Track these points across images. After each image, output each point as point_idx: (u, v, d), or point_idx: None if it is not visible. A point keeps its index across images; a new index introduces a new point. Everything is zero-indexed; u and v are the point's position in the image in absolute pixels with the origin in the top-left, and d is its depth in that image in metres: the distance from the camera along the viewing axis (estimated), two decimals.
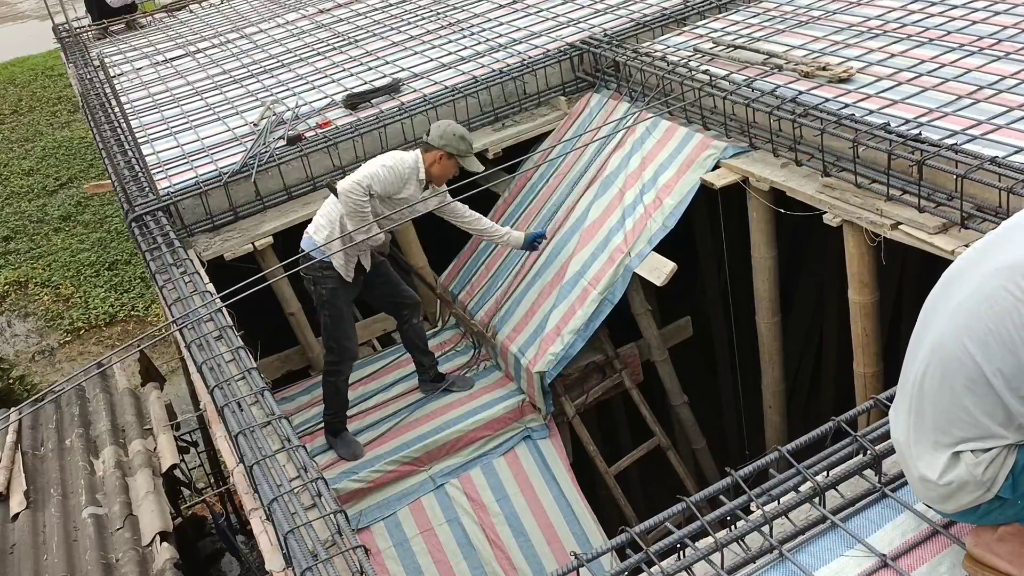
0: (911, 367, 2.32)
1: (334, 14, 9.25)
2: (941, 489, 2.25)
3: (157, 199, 5.72)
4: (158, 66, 8.67)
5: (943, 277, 2.32)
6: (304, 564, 2.98)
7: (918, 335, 2.33)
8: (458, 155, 5.16)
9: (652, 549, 2.51)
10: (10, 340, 11.00)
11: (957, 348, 2.15)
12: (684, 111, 5.73)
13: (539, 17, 7.78)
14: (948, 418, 2.19)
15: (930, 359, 2.23)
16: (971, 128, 4.57)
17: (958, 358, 2.14)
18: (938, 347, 2.21)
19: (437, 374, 5.79)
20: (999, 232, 2.24)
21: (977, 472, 2.17)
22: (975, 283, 2.17)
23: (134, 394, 5.96)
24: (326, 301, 5.16)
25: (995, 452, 2.15)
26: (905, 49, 5.62)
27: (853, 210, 4.59)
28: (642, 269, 5.34)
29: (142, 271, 11.34)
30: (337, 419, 5.40)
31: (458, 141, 5.15)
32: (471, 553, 5.13)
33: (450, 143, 5.13)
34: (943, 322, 2.22)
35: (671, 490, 4.76)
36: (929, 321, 2.29)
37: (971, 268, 2.23)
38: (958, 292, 2.21)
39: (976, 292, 2.15)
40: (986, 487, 2.18)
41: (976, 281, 2.17)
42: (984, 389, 2.11)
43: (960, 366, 2.14)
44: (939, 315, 2.25)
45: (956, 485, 2.21)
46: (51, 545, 4.66)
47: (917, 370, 2.28)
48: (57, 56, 14.65)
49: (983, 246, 2.25)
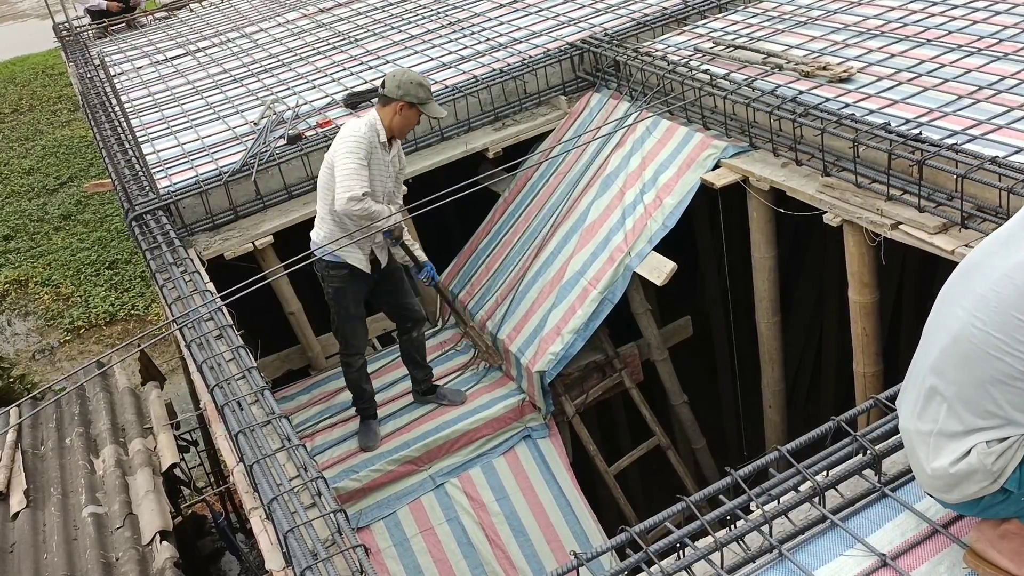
0: (926, 356, 2.29)
1: (334, 13, 9.24)
2: (948, 477, 2.23)
3: (157, 198, 5.72)
4: (158, 65, 8.66)
5: (961, 267, 2.28)
6: (304, 563, 2.98)
7: (934, 324, 2.30)
8: (419, 103, 4.96)
9: (652, 549, 2.51)
10: (10, 339, 11.01)
11: (984, 341, 2.12)
12: (684, 110, 5.73)
13: (539, 16, 7.78)
14: (969, 407, 2.17)
15: (951, 349, 2.20)
16: (971, 128, 4.57)
17: (985, 351, 2.11)
18: (961, 338, 2.17)
19: (429, 387, 5.72)
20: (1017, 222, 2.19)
21: (988, 461, 2.15)
22: (1000, 274, 2.12)
23: (134, 393, 5.96)
24: (332, 298, 5.21)
25: (1008, 443, 2.14)
26: (905, 49, 5.62)
27: (853, 210, 4.60)
28: (642, 269, 5.34)
29: (142, 270, 11.34)
30: (361, 407, 5.50)
31: (416, 88, 4.94)
32: (471, 552, 5.14)
33: (409, 92, 4.91)
34: (966, 313, 2.17)
35: (671, 490, 4.76)
36: (948, 310, 2.25)
37: (993, 259, 2.18)
38: (980, 283, 2.17)
39: (1005, 285, 2.11)
40: (993, 477, 2.17)
41: (1001, 272, 2.12)
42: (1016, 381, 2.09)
43: (989, 358, 2.11)
44: (960, 305, 2.21)
45: (964, 473, 2.20)
46: (51, 544, 4.66)
47: (934, 359, 2.25)
48: (57, 55, 14.67)
49: (1006, 236, 2.20)
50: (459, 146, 6.36)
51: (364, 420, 5.51)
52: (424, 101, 4.99)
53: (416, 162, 6.13)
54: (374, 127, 4.94)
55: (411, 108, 4.96)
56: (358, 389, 5.45)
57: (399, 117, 4.97)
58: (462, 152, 6.33)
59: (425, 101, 4.99)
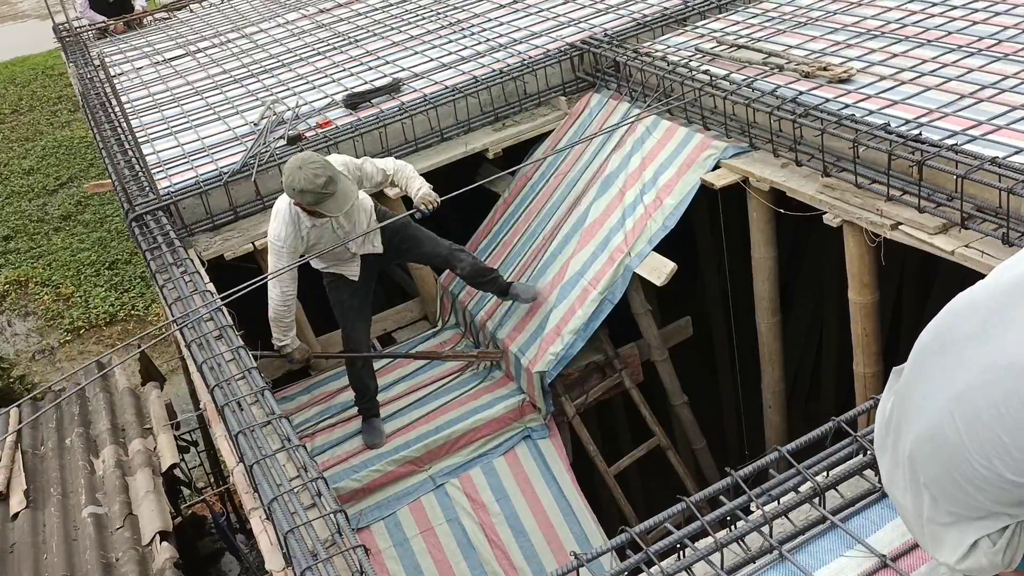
0: (904, 422, 2.13)
1: (334, 14, 9.24)
2: (958, 571, 2.16)
3: (157, 199, 5.72)
4: (158, 66, 8.66)
5: (937, 334, 2.06)
6: (304, 563, 2.98)
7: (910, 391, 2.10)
8: (313, 205, 4.47)
9: (652, 549, 2.51)
10: (10, 339, 11.01)
11: (963, 451, 1.96)
12: (684, 111, 5.73)
13: (539, 17, 7.78)
14: (952, 501, 2.05)
15: (930, 446, 2.04)
16: (971, 128, 4.57)
17: (967, 459, 1.96)
18: (937, 439, 2.01)
19: (505, 286, 5.64)
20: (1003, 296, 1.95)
21: (997, 559, 2.07)
22: (977, 377, 1.93)
23: (134, 393, 5.96)
24: (333, 301, 5.34)
25: (1010, 532, 2.05)
26: (905, 50, 5.62)
27: (853, 210, 4.60)
28: (642, 269, 5.34)
29: (142, 270, 11.33)
30: (364, 406, 5.52)
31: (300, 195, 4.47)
32: (471, 553, 5.14)
33: (298, 196, 4.51)
34: (938, 411, 1.99)
35: (671, 490, 4.76)
36: (922, 388, 2.06)
37: (970, 344, 1.96)
38: (959, 375, 1.96)
39: (981, 392, 1.91)
40: (1006, 565, 2.10)
41: (978, 373, 1.93)
42: (998, 485, 1.95)
43: (969, 468, 1.96)
44: (933, 392, 2.02)
45: (975, 570, 2.11)
46: (51, 544, 4.66)
47: (912, 447, 2.09)
48: (57, 55, 14.66)
49: (986, 314, 1.95)
50: (459, 146, 6.36)
51: (367, 419, 5.52)
52: (317, 202, 4.48)
53: (416, 162, 6.11)
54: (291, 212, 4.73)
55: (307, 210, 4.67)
56: (362, 386, 5.47)
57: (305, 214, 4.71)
58: (462, 152, 6.33)
59: (318, 202, 4.48)
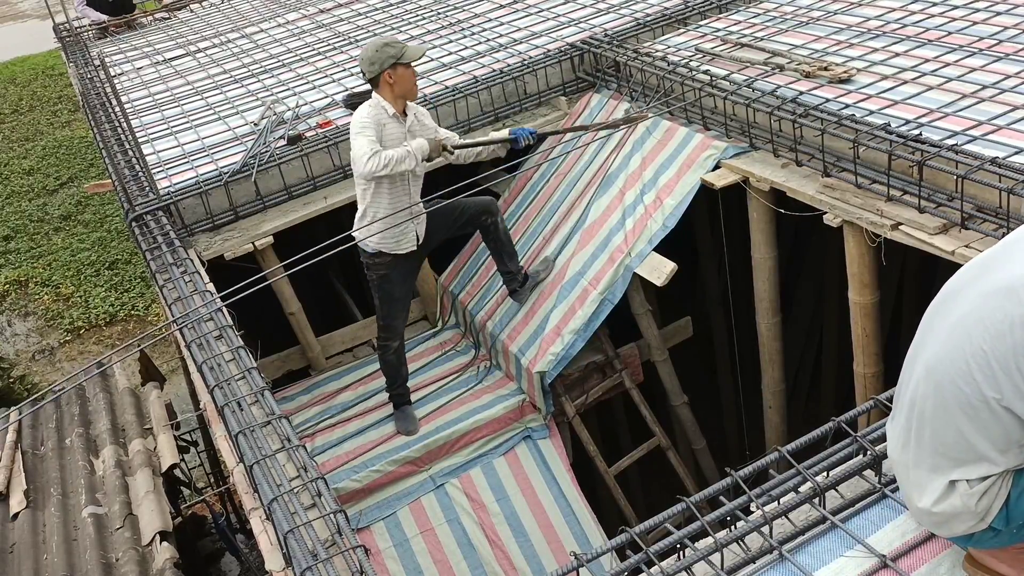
0: (907, 386, 2.29)
1: (335, 14, 9.24)
2: (934, 516, 2.25)
3: (157, 199, 5.72)
4: (158, 66, 8.66)
5: (940, 293, 2.27)
6: (304, 564, 2.98)
7: (914, 352, 2.29)
8: (397, 60, 4.90)
9: (652, 549, 2.51)
10: (10, 339, 11.01)
11: (953, 370, 2.11)
12: (685, 111, 5.73)
13: (540, 17, 7.78)
14: (944, 441, 2.16)
15: (925, 380, 2.19)
16: (971, 129, 4.57)
17: (953, 381, 2.11)
18: (933, 369, 2.17)
19: (524, 277, 5.68)
20: (999, 248, 2.20)
21: (971, 503, 2.15)
22: (972, 303, 2.12)
23: (134, 393, 5.96)
24: (376, 285, 5.29)
25: (989, 482, 2.14)
26: (906, 50, 5.62)
27: (853, 210, 4.59)
28: (642, 269, 5.34)
29: (142, 270, 11.34)
30: (396, 393, 5.52)
31: (384, 51, 4.90)
32: (471, 553, 5.14)
33: (383, 60, 4.89)
34: (938, 342, 2.17)
35: (671, 490, 4.77)
36: (925, 338, 2.25)
37: (969, 286, 2.17)
38: (955, 311, 2.17)
39: (973, 312, 2.10)
40: (980, 517, 2.17)
41: (973, 300, 2.12)
42: (982, 412, 2.08)
43: (956, 389, 2.10)
44: (935, 333, 2.20)
45: (950, 514, 2.20)
46: (51, 544, 4.66)
47: (913, 391, 2.24)
48: (57, 55, 14.67)
49: (983, 261, 2.20)
50: None
51: (399, 407, 5.53)
52: (399, 54, 4.92)
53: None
54: (377, 105, 4.97)
55: (395, 68, 4.93)
56: (395, 373, 5.48)
57: (397, 85, 4.96)
58: None
59: (400, 54, 4.93)
